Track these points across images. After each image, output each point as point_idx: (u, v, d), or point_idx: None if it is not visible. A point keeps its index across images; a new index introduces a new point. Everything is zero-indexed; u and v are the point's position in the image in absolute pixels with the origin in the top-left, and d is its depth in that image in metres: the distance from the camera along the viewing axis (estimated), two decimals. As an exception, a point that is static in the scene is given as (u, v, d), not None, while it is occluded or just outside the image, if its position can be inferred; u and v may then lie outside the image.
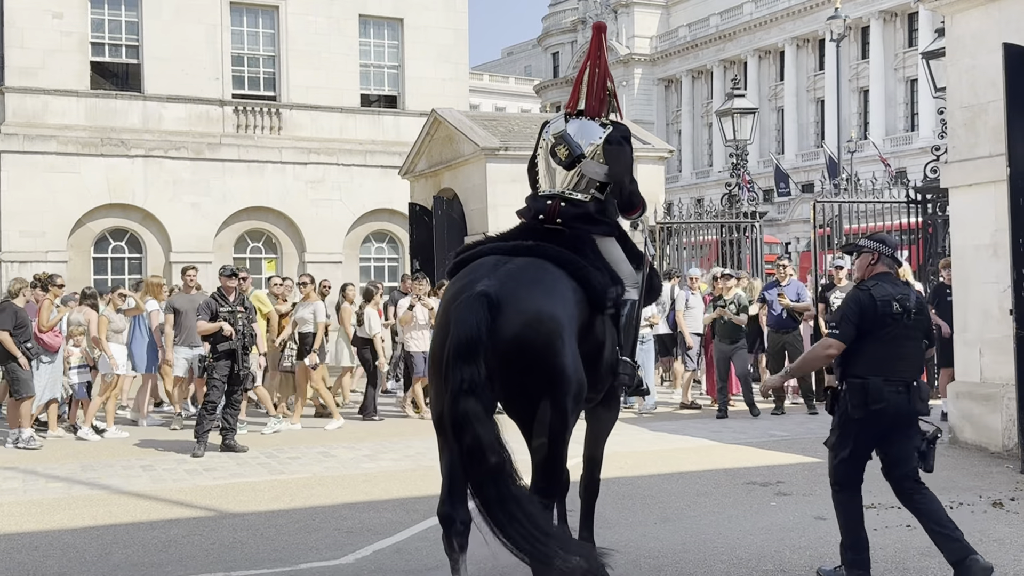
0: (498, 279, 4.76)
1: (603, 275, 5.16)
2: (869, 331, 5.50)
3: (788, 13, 63.93)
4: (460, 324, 4.57)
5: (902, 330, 5.52)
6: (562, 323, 4.73)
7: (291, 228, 24.03)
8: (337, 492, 8.36)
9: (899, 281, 5.78)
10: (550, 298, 4.78)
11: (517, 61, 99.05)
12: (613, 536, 6.71)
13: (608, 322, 5.24)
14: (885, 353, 5.49)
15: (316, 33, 24.17)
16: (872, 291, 5.54)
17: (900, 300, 5.53)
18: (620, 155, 5.49)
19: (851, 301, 5.60)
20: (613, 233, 5.57)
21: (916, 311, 5.60)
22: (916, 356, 5.63)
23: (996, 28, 9.55)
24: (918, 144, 49.83)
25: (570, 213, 5.38)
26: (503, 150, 17.55)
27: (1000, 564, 5.93)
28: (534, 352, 4.64)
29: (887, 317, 5.49)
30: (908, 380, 5.52)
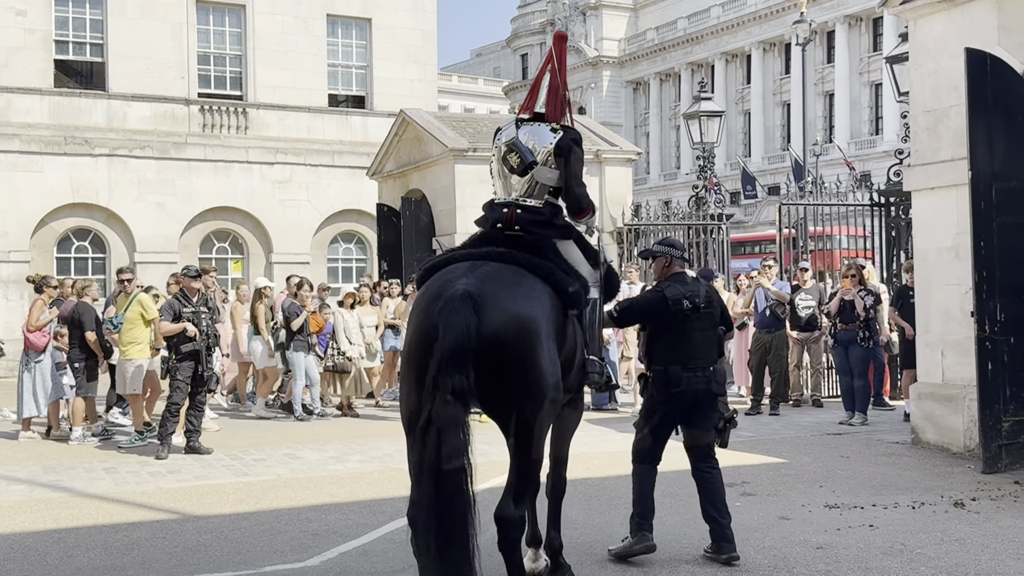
0: (477, 278, 4.84)
1: (571, 278, 5.27)
2: (665, 327, 6.23)
3: (755, 17, 64.45)
4: (449, 329, 4.59)
5: (695, 323, 6.22)
6: (540, 325, 4.85)
7: (258, 228, 23.86)
8: (303, 494, 8.31)
9: (689, 280, 6.40)
10: (529, 300, 4.89)
11: (486, 62, 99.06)
12: (580, 537, 6.73)
13: (575, 322, 5.33)
14: (682, 344, 6.21)
15: (283, 32, 24.02)
16: (665, 292, 6.26)
17: (689, 297, 6.22)
18: (570, 159, 5.55)
19: (643, 301, 6.46)
20: (571, 236, 5.67)
21: (705, 305, 6.27)
22: (710, 344, 6.32)
23: (958, 33, 9.67)
24: (882, 148, 50.42)
25: (527, 219, 5.46)
26: (471, 151, 17.55)
27: (961, 564, 6.01)
28: (513, 351, 4.72)
29: (679, 313, 6.19)
30: (704, 365, 6.23)
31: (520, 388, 4.78)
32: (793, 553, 6.29)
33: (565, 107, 5.70)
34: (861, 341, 12.29)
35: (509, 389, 4.79)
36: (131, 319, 11.00)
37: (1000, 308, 8.74)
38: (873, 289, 12.54)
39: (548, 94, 5.66)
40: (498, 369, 4.72)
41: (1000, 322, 8.68)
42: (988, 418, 8.73)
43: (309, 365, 12.91)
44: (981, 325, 8.68)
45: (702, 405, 6.29)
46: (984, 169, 8.82)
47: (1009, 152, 8.93)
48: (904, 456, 9.77)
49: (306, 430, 12.06)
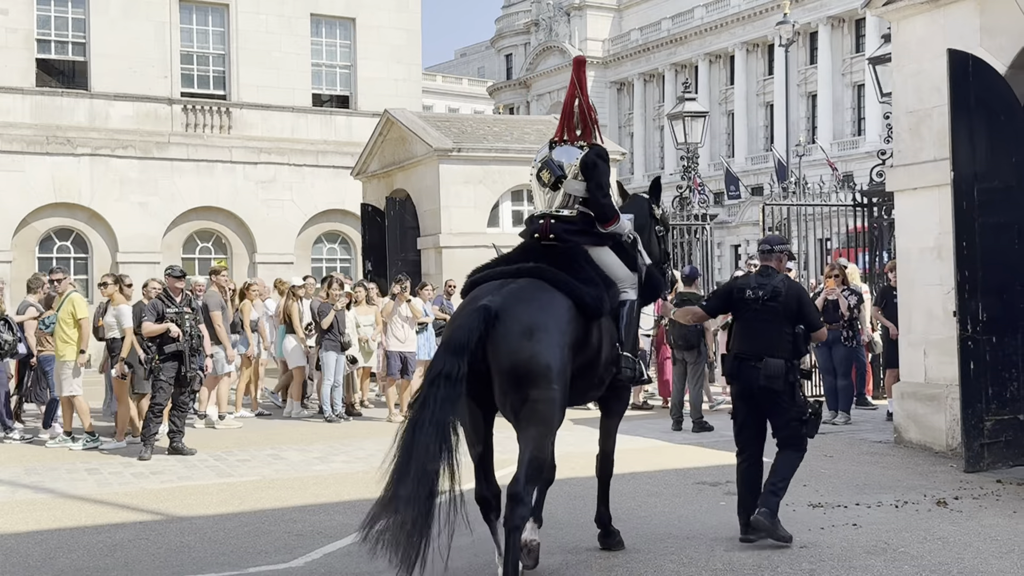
0: (501, 296, 5.54)
1: (594, 287, 5.80)
2: (735, 316, 6.67)
3: (738, 18, 64.65)
4: (457, 328, 5.43)
5: (757, 314, 6.53)
6: (552, 334, 5.42)
7: (241, 228, 23.78)
8: (287, 495, 8.29)
9: (771, 274, 6.70)
10: (544, 313, 5.48)
11: (471, 62, 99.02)
12: (564, 537, 6.74)
13: (606, 323, 5.89)
14: (744, 334, 6.62)
15: (267, 32, 23.95)
16: (736, 282, 6.74)
17: (753, 289, 6.59)
18: (593, 172, 6.07)
19: (719, 290, 6.90)
20: (605, 242, 6.15)
21: (768, 298, 6.54)
22: (772, 337, 6.50)
23: (941, 34, 9.73)
24: (865, 148, 50.63)
25: (561, 228, 6.05)
26: (456, 151, 17.55)
27: (944, 562, 6.04)
28: (527, 358, 5.32)
29: (740, 303, 6.63)
30: (760, 356, 6.45)
31: (532, 387, 5.34)
32: (777, 552, 6.31)
33: (592, 127, 6.28)
34: (845, 341, 12.34)
35: (523, 387, 5.35)
36: (63, 319, 10.73)
37: (982, 308, 8.79)
38: (856, 289, 12.60)
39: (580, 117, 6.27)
40: (511, 371, 5.33)
41: (982, 322, 8.74)
42: (970, 417, 8.77)
43: (339, 365, 12.96)
44: (963, 325, 8.73)
45: (760, 395, 6.50)
46: (966, 170, 8.86)
47: (991, 153, 8.98)
48: (887, 455, 9.81)
49: (291, 431, 12.03)
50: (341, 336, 13.01)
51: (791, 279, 6.95)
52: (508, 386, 5.39)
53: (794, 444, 6.61)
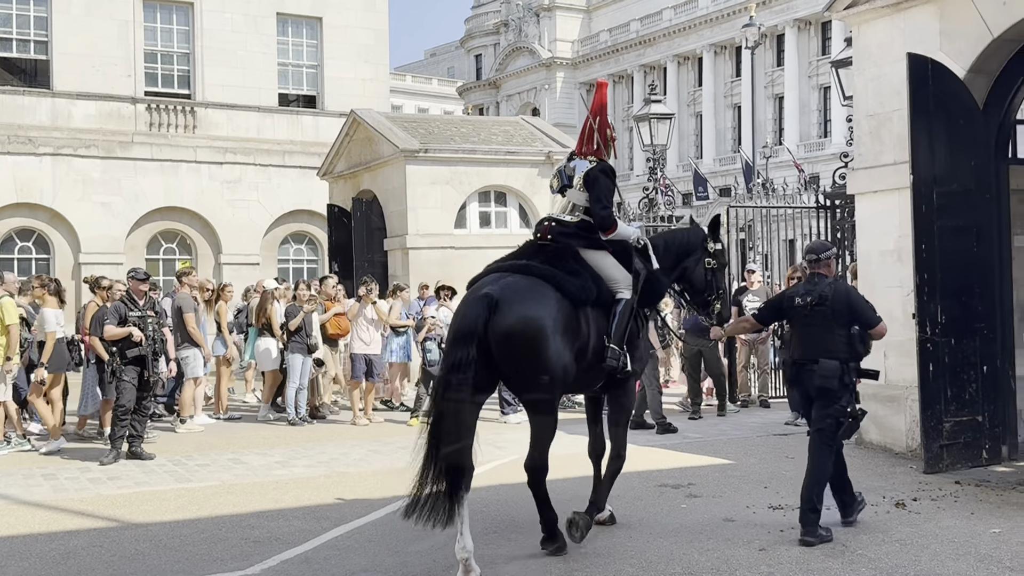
0: (499, 287, 6.24)
1: (578, 278, 6.44)
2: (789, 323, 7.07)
3: (706, 20, 64.99)
4: (463, 317, 6.14)
5: (808, 319, 6.82)
6: (546, 321, 6.11)
7: (206, 229, 23.58)
8: (246, 500, 8.19)
9: (819, 280, 6.92)
10: (537, 303, 6.16)
11: (440, 62, 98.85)
12: (525, 541, 6.71)
13: (595, 314, 6.48)
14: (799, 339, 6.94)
15: (232, 31, 23.76)
16: (787, 291, 7.08)
17: (802, 295, 6.87)
18: (595, 185, 6.76)
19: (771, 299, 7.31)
20: (601, 246, 6.76)
21: (817, 303, 6.80)
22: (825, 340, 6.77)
23: (901, 38, 9.80)
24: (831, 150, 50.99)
25: (557, 231, 6.77)
26: (423, 152, 17.48)
27: (901, 565, 6.07)
28: (524, 341, 6.01)
29: (790, 310, 6.97)
30: (815, 359, 6.73)
31: (532, 368, 6.06)
32: (736, 555, 6.32)
33: (607, 144, 6.99)
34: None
35: (523, 370, 6.10)
36: None
37: (941, 310, 8.86)
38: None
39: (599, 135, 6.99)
40: (513, 356, 6.04)
41: (941, 324, 8.80)
42: (929, 419, 8.84)
43: (305, 368, 12.89)
44: (922, 327, 8.80)
45: (819, 396, 6.80)
46: (925, 173, 8.93)
47: (950, 156, 9.05)
48: (847, 456, 9.71)
49: (252, 434, 11.93)
50: (308, 338, 12.93)
51: (840, 282, 7.21)
52: (511, 365, 6.09)
53: (825, 440, 6.84)
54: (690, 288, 7.43)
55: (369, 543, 6.77)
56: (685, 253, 7.26)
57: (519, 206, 18.39)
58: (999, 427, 9.34)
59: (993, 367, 9.19)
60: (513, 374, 6.21)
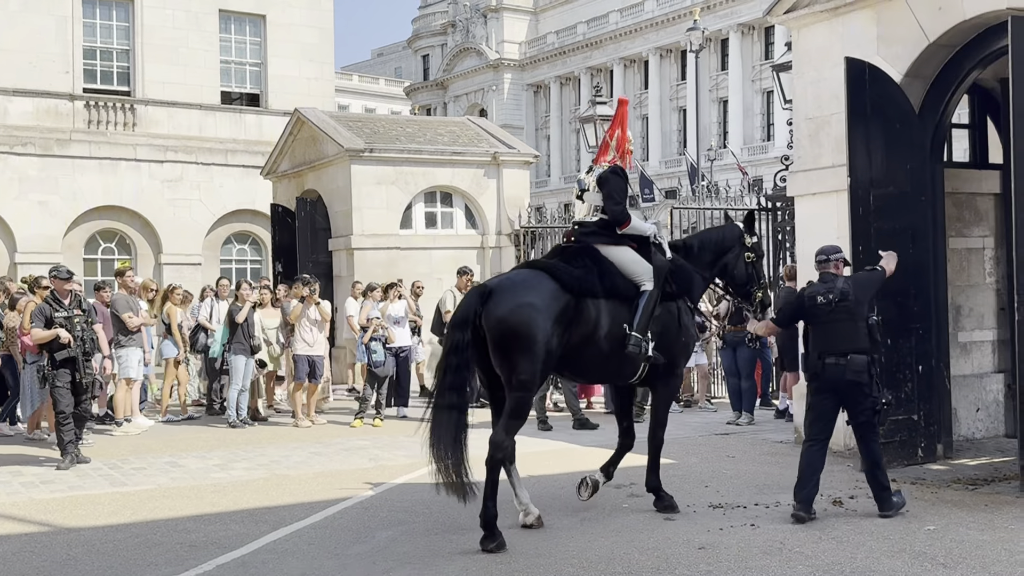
0: (499, 279, 7.12)
1: (581, 271, 6.96)
2: (809, 321, 7.41)
3: (651, 23, 65.49)
4: (461, 306, 6.97)
5: (831, 315, 7.20)
6: (537, 307, 6.63)
7: (146, 229, 23.18)
8: (182, 504, 8.06)
9: (832, 279, 7.36)
10: (530, 292, 6.71)
11: (387, 62, 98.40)
12: (468, 542, 6.68)
13: (611, 306, 7.01)
14: (822, 335, 7.28)
15: (174, 27, 23.39)
16: (804, 291, 7.49)
17: (823, 294, 7.27)
18: (606, 185, 7.32)
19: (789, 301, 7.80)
20: (620, 242, 7.25)
21: (839, 299, 7.22)
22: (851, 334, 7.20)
23: (840, 43, 9.94)
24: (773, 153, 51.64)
25: (579, 232, 7.37)
26: (368, 152, 17.36)
27: (837, 562, 6.14)
28: (513, 327, 6.58)
29: (814, 308, 7.31)
30: (844, 352, 7.14)
31: (515, 352, 6.59)
32: (676, 553, 6.35)
33: (623, 155, 7.62)
34: (749, 343, 12.50)
35: (509, 353, 6.60)
36: None
37: (877, 311, 8.94)
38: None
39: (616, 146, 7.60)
40: (502, 339, 6.61)
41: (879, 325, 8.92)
42: (866, 418, 8.95)
43: (248, 370, 12.73)
44: (860, 327, 8.91)
45: (846, 389, 7.18)
46: (863, 176, 9.06)
47: (887, 159, 9.20)
48: (787, 455, 9.95)
49: (191, 437, 11.74)
50: (250, 339, 12.77)
51: (849, 276, 7.66)
52: (497, 348, 6.63)
53: (870, 431, 7.29)
54: (732, 281, 7.91)
55: (308, 546, 6.69)
56: (723, 250, 7.80)
57: (465, 207, 18.35)
58: (934, 426, 9.51)
59: (928, 367, 9.36)
60: (502, 356, 6.65)
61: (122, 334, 12.06)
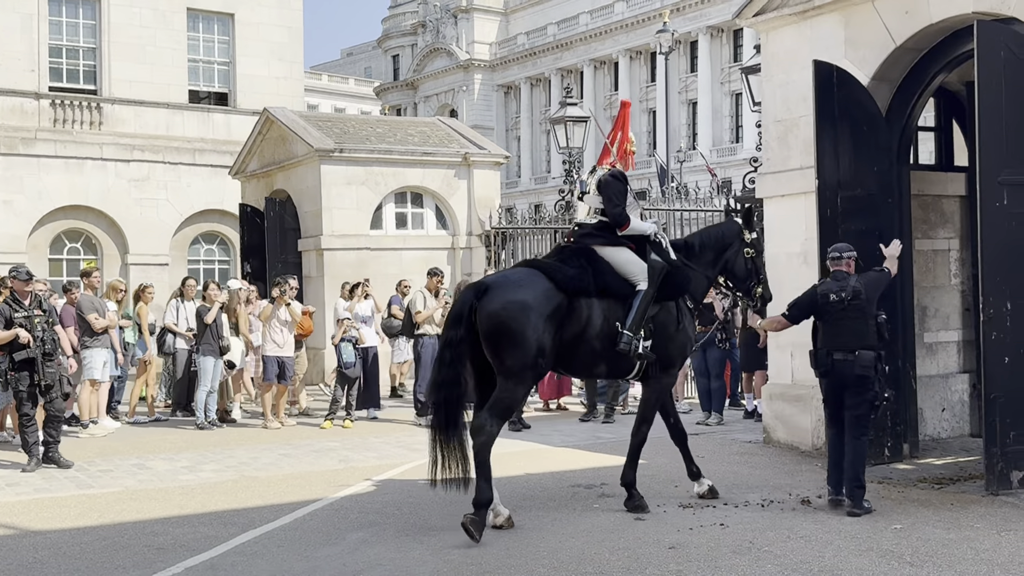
0: (494, 277, 7.49)
1: (576, 271, 7.18)
2: (820, 318, 7.66)
3: (621, 25, 65.70)
4: (456, 303, 7.30)
5: (843, 313, 7.47)
6: (529, 305, 6.89)
7: (113, 228, 22.94)
8: (150, 506, 7.99)
9: (844, 277, 7.62)
10: (522, 289, 6.99)
11: (357, 62, 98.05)
12: (438, 543, 6.67)
13: (602, 304, 7.21)
14: (832, 331, 7.54)
15: (141, 26, 23.16)
16: (817, 288, 7.73)
17: (836, 292, 7.53)
18: (605, 188, 7.52)
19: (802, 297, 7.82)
20: (618, 243, 7.44)
21: (852, 298, 7.48)
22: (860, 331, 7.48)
23: (808, 46, 10.02)
24: (742, 155, 51.97)
25: (578, 233, 7.59)
26: (338, 152, 17.28)
27: (805, 560, 6.19)
28: (504, 322, 6.84)
29: (826, 306, 7.56)
30: (853, 349, 7.43)
31: (505, 345, 6.86)
32: (646, 553, 6.38)
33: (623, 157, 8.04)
34: (719, 343, 12.59)
35: (500, 346, 6.87)
36: None
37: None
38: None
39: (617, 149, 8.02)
40: (493, 333, 6.86)
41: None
42: (834, 417, 9.03)
43: (216, 371, 12.64)
44: (827, 328, 8.98)
45: (850, 383, 7.46)
46: (830, 178, 9.14)
47: (854, 161, 9.29)
48: (756, 455, 10.05)
49: (158, 439, 11.64)
50: (219, 340, 12.69)
51: (860, 276, 7.79)
52: (488, 341, 6.87)
53: (860, 426, 7.51)
54: (733, 277, 8.06)
55: (278, 548, 6.65)
56: (723, 247, 7.95)
57: (436, 207, 18.32)
58: (901, 425, 9.62)
59: (895, 367, 9.44)
60: (494, 350, 6.90)
61: (88, 335, 11.93)
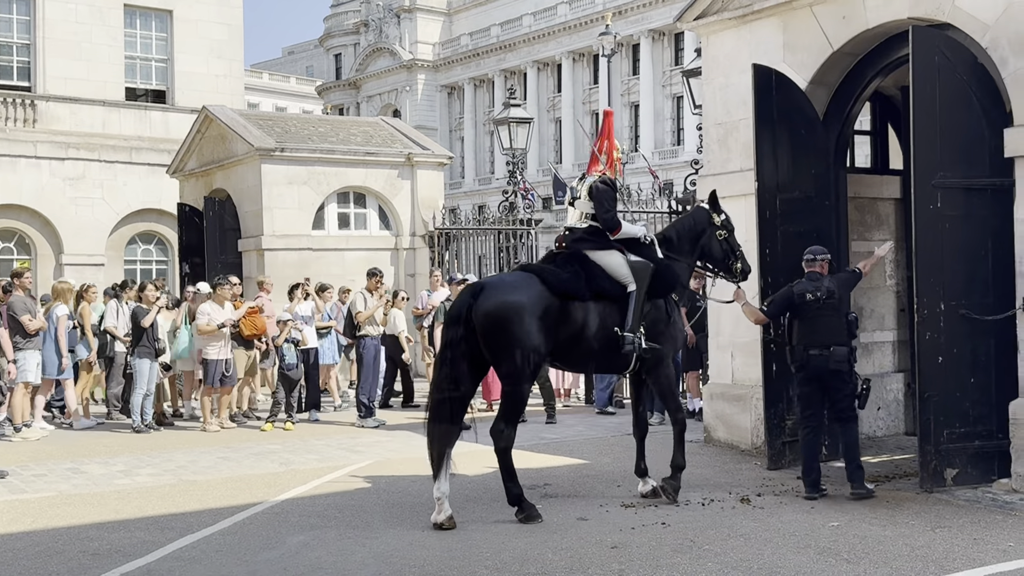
0: (491, 279, 7.89)
1: (569, 275, 7.46)
2: (796, 315, 8.06)
3: (564, 27, 65.96)
4: (455, 304, 7.55)
5: (818, 311, 7.92)
6: (523, 306, 7.18)
7: (47, 228, 22.43)
8: (85, 511, 7.82)
9: (818, 278, 8.07)
10: (517, 291, 7.29)
11: (298, 61, 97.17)
12: (379, 546, 6.63)
13: (597, 306, 7.51)
14: (807, 329, 7.98)
15: (77, 22, 22.67)
16: (794, 288, 8.11)
17: (812, 291, 7.97)
18: (596, 195, 7.80)
19: (779, 296, 8.26)
20: (608, 247, 7.72)
21: (826, 297, 7.96)
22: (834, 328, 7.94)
23: (747, 49, 10.14)
24: (683, 158, 52.48)
25: (569, 238, 7.87)
26: (279, 151, 17.12)
27: (745, 559, 6.26)
28: (499, 321, 7.14)
29: (803, 304, 7.98)
30: (827, 345, 7.88)
31: (505, 345, 7.14)
32: (589, 553, 6.40)
33: (611, 164, 8.15)
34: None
35: (497, 345, 7.15)
36: None
37: (783, 312, 9.18)
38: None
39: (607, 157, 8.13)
40: (489, 333, 7.15)
41: (783, 325, 9.12)
42: (773, 417, 9.17)
43: (152, 373, 12.41)
44: (766, 328, 9.05)
45: (828, 377, 7.93)
46: (769, 180, 9.26)
47: (792, 164, 9.42)
48: (697, 454, 10.10)
49: (93, 442, 11.41)
50: (156, 342, 12.47)
51: (832, 275, 8.25)
52: (485, 340, 7.13)
53: (848, 416, 8.01)
54: (711, 259, 8.37)
55: (216, 553, 6.55)
56: (698, 234, 8.25)
57: (379, 208, 18.22)
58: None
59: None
60: (490, 349, 7.18)
61: (21, 336, 11.66)
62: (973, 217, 8.23)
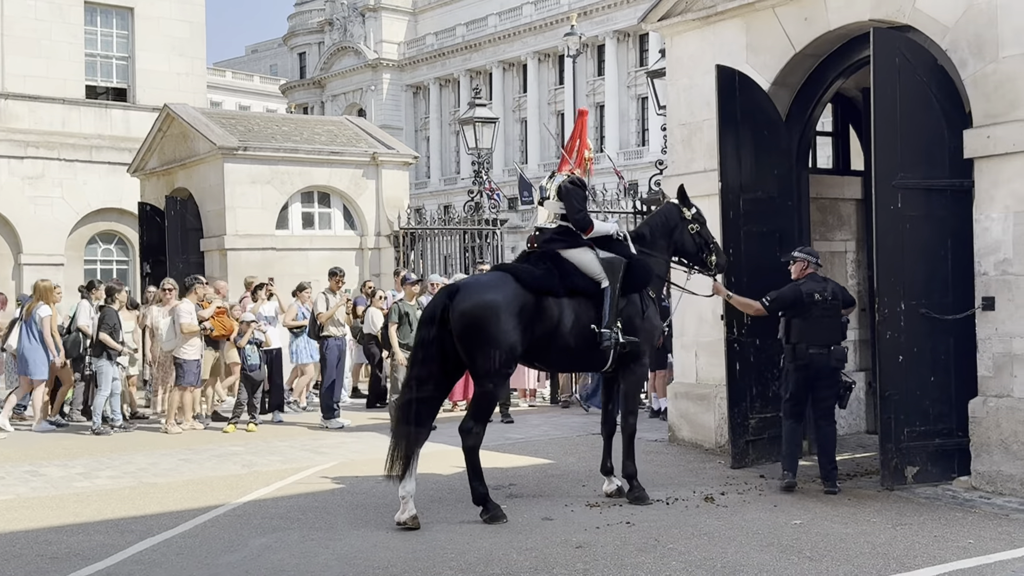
0: (466, 280, 7.99)
1: (542, 273, 7.53)
2: (799, 314, 8.18)
3: (530, 28, 66.05)
4: (430, 304, 7.64)
5: (822, 311, 8.16)
6: (499, 304, 7.22)
7: (5, 227, 22.08)
8: (43, 514, 7.69)
9: (820, 279, 8.39)
10: (493, 290, 7.34)
11: (262, 59, 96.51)
12: (343, 548, 6.58)
13: (573, 303, 7.56)
14: (810, 327, 8.16)
15: (36, 19, 22.34)
16: (801, 287, 8.26)
17: (819, 292, 8.21)
18: (567, 195, 7.85)
19: (786, 294, 8.29)
20: (578, 245, 7.77)
21: (832, 298, 8.23)
22: (834, 328, 8.28)
23: (711, 51, 10.19)
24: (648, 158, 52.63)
25: (540, 238, 7.93)
26: (242, 150, 16.95)
27: (709, 557, 6.28)
28: (476, 320, 7.17)
29: (811, 304, 8.15)
30: (828, 344, 8.16)
31: (478, 344, 7.18)
32: (554, 553, 6.39)
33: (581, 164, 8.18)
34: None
35: (473, 345, 7.18)
36: None
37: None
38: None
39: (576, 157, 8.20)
40: (466, 332, 7.18)
41: (747, 325, 9.19)
42: (736, 416, 9.22)
43: (115, 374, 12.29)
44: (730, 328, 9.16)
45: (825, 375, 8.17)
46: (733, 181, 9.30)
47: (755, 164, 9.47)
48: (661, 453, 10.17)
49: (52, 445, 11.24)
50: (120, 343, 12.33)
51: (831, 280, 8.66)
52: (461, 340, 7.17)
53: (829, 415, 8.29)
54: (685, 254, 8.42)
55: (177, 556, 6.47)
56: (670, 229, 8.32)
57: (343, 207, 18.11)
58: (800, 423, 9.82)
59: (794, 366, 9.65)
60: (465, 348, 7.21)
61: None
62: (933, 217, 8.33)
